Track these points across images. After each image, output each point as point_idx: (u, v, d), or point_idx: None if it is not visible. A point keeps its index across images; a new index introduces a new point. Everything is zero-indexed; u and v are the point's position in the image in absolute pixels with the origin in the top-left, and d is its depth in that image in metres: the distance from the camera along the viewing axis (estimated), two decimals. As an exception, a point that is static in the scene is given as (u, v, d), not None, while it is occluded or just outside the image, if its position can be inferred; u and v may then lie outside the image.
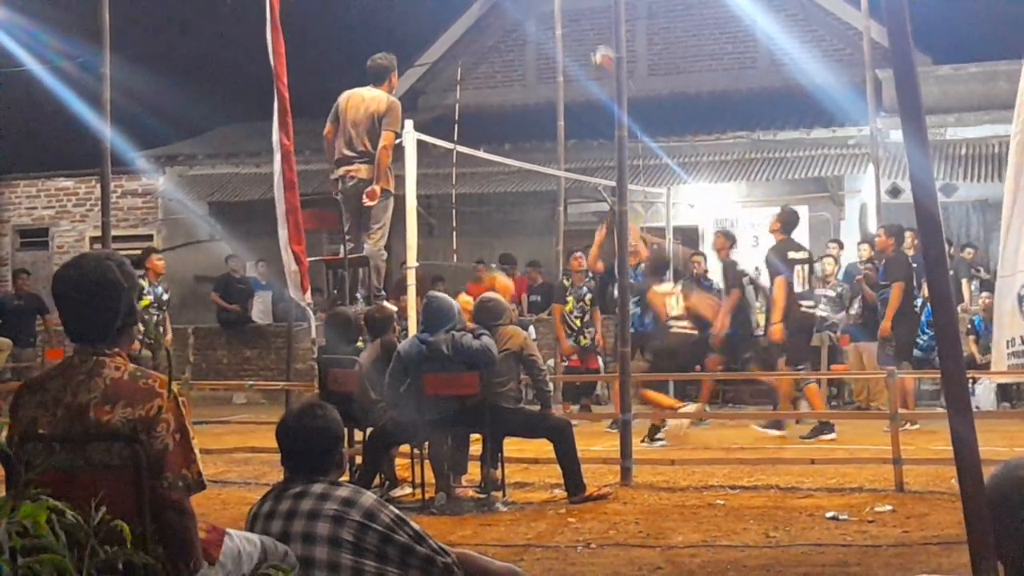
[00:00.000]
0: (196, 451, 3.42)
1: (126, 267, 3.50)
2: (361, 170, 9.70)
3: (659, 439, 11.27)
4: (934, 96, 16.31)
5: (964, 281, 15.74)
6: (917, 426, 11.42)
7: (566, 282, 13.45)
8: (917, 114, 2.54)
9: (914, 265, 12.32)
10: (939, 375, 2.55)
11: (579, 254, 13.41)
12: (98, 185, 11.08)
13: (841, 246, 15.79)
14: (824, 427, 11.43)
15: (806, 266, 11.76)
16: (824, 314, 13.00)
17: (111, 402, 3.32)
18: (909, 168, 2.61)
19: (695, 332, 12.07)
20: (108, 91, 9.60)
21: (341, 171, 9.83)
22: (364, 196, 9.47)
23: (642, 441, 10.94)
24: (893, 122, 13.79)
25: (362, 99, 9.80)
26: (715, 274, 13.78)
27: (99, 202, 10.26)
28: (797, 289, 11.59)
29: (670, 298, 12.07)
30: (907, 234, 12.76)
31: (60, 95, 17.90)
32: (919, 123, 2.55)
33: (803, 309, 11.68)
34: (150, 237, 20.54)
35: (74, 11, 16.93)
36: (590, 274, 13.46)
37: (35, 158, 22.30)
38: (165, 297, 12.65)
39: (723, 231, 13.58)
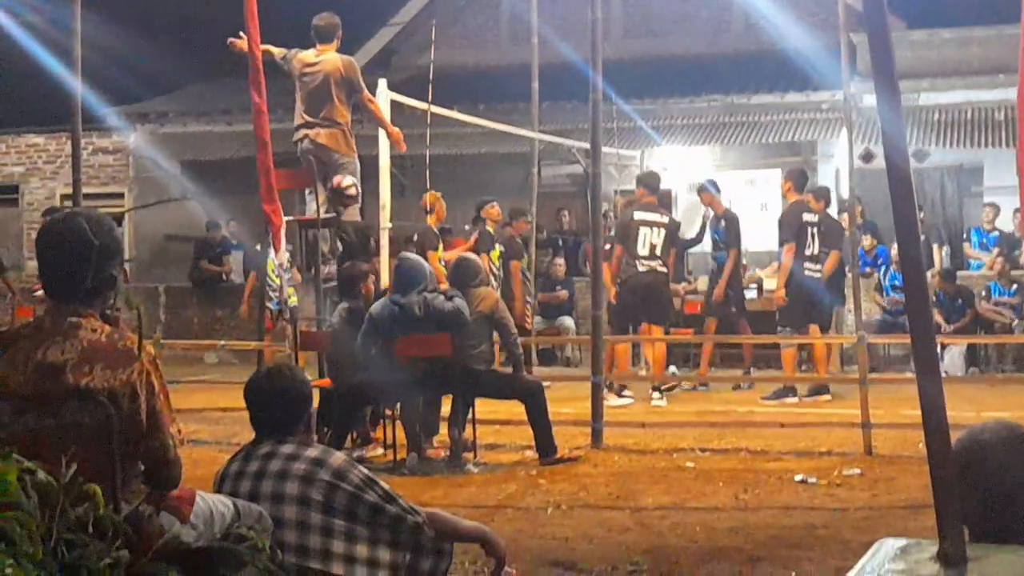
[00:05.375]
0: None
1: (105, 227, 3.46)
2: (321, 134, 9.73)
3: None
4: (908, 61, 16.31)
5: (935, 246, 15.82)
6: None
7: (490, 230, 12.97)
8: (890, 77, 2.53)
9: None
10: (908, 339, 2.55)
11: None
12: (69, 142, 10.95)
13: None
14: (789, 390, 11.49)
15: (817, 228, 11.62)
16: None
17: (89, 364, 3.30)
18: (882, 132, 2.60)
19: None
20: (79, 46, 9.46)
21: (300, 134, 9.85)
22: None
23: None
24: (867, 86, 13.74)
25: (313, 64, 9.81)
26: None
27: (70, 159, 10.15)
28: (808, 252, 11.49)
29: None
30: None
31: (30, 49, 17.66)
32: (892, 86, 2.55)
33: (807, 274, 11.48)
34: (121, 195, 20.38)
35: (43, -36, 16.71)
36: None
37: (4, 113, 22.04)
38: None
39: (709, 184, 13.44)
